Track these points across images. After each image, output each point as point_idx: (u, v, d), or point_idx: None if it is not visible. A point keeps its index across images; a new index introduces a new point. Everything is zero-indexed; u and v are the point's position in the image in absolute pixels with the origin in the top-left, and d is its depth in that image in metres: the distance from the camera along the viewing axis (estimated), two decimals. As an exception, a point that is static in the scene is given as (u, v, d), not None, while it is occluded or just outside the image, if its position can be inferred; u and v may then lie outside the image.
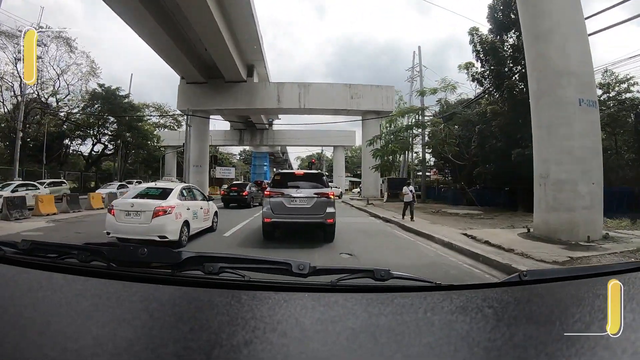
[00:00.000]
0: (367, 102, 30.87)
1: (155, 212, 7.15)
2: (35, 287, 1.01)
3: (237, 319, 0.84)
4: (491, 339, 0.75)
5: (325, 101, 30.45)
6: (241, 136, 49.33)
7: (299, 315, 0.88)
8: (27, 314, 0.85)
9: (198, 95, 30.51)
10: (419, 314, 0.89)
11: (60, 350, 0.69)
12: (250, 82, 30.59)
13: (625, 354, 0.68)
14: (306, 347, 0.73)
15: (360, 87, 31.54)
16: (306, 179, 8.35)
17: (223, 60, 27.14)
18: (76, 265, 1.14)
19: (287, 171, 10.30)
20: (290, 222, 7.89)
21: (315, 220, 7.81)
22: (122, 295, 0.98)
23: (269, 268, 1.12)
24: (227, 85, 30.29)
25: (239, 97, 30.21)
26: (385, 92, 31.66)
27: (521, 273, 1.13)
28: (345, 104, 30.76)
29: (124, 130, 37.22)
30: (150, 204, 7.35)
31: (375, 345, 0.74)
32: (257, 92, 30.47)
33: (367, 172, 31.15)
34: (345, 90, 31.11)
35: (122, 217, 7.25)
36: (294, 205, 7.76)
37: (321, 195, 7.86)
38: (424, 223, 12.42)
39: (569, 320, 0.84)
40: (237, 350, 0.70)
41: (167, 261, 1.14)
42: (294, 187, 8.04)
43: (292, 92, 30.47)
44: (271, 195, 7.88)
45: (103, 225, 7.61)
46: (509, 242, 7.74)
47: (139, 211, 7.22)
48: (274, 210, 7.77)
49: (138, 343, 0.74)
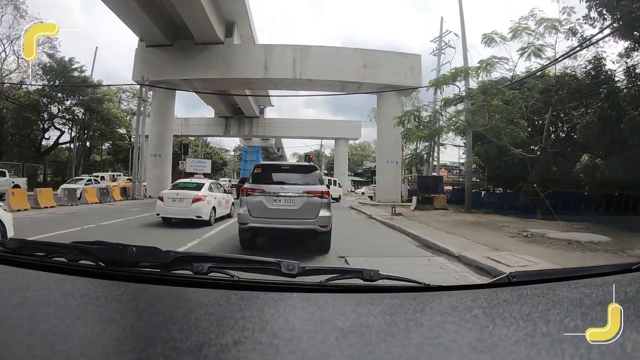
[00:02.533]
0: (385, 74, 23.04)
1: (194, 199, 10.11)
2: (23, 286, 1.00)
3: (226, 318, 0.83)
4: (480, 339, 0.75)
5: (329, 70, 22.54)
6: (227, 125, 41.90)
7: (288, 315, 0.88)
8: (15, 313, 0.82)
9: (160, 61, 22.84)
10: (408, 314, 0.89)
11: (49, 350, 0.68)
12: (228, 43, 22.86)
13: (614, 355, 0.66)
14: (295, 347, 0.72)
15: (377, 54, 23.73)
16: (295, 173, 6.97)
17: (191, 12, 19.50)
18: (64, 264, 1.13)
19: (270, 163, 10.23)
20: (271, 227, 6.46)
21: (304, 227, 6.35)
22: (111, 294, 0.98)
23: (258, 268, 1.11)
24: (198, 49, 22.61)
25: (213, 63, 22.47)
26: (409, 62, 23.89)
27: (510, 274, 1.12)
28: (356, 74, 22.87)
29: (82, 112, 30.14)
30: (190, 193, 10.28)
31: (364, 345, 0.73)
32: (237, 56, 22.67)
33: (383, 167, 23.38)
34: (357, 57, 23.22)
35: (169, 202, 10.23)
36: (277, 206, 6.35)
37: (313, 194, 6.38)
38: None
39: (558, 322, 0.82)
40: (226, 350, 0.68)
41: (156, 261, 1.11)
42: (279, 182, 6.58)
43: (285, 58, 22.62)
44: (249, 192, 6.47)
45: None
46: None
47: (182, 198, 10.20)
48: (252, 211, 6.37)
49: (126, 343, 0.74)
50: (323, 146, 57.68)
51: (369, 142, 67.69)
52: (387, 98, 23.05)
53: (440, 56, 30.52)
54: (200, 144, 55.82)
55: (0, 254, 1.18)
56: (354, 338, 0.75)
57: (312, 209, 6.36)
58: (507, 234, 9.96)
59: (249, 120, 41.22)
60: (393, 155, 23.01)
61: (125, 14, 20.78)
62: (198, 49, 22.62)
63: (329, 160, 61.01)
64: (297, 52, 22.91)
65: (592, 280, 1.08)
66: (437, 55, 31.08)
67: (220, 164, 61.41)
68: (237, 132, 42.66)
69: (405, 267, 5.98)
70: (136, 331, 0.79)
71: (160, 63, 22.78)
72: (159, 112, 23.67)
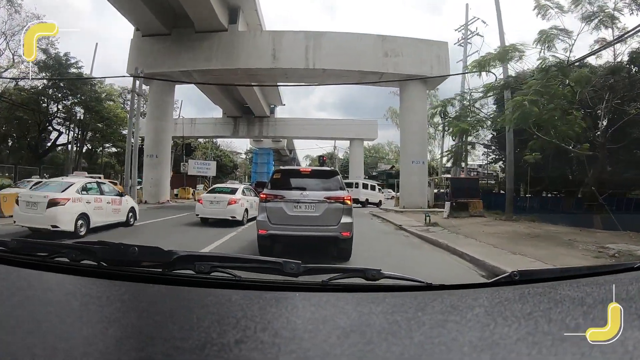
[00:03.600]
0: (408, 63, 20.20)
1: (229, 202, 11.40)
2: (25, 286, 1.00)
3: (228, 318, 0.84)
4: (482, 338, 0.74)
5: (345, 59, 19.78)
6: (236, 126, 39.41)
7: (290, 315, 0.89)
8: (17, 313, 0.83)
9: (157, 52, 20.61)
10: (409, 313, 0.89)
11: (50, 349, 0.68)
12: (232, 30, 20.43)
13: (615, 354, 0.66)
14: (297, 346, 0.72)
15: (399, 41, 20.87)
16: (315, 178, 6.71)
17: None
18: (66, 264, 1.13)
19: (290, 168, 9.14)
20: (292, 235, 6.20)
21: (325, 234, 6.20)
22: (113, 294, 0.98)
23: (260, 267, 1.11)
24: (199, 37, 20.27)
25: (215, 52, 20.04)
26: (435, 50, 21.03)
27: (512, 273, 1.11)
28: (376, 64, 20.06)
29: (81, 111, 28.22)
30: (226, 197, 11.56)
31: (366, 344, 0.73)
32: (242, 45, 20.15)
33: (408, 168, 20.49)
34: (377, 45, 20.38)
35: (207, 205, 11.61)
36: (297, 212, 6.21)
37: (334, 200, 6.23)
38: None
39: (559, 321, 0.81)
40: (228, 350, 0.68)
41: (158, 260, 1.11)
42: (299, 188, 6.40)
43: (296, 45, 19.98)
44: (268, 198, 6.34)
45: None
46: None
47: (219, 201, 11.37)
48: (272, 218, 6.22)
49: (128, 342, 0.74)
50: (336, 148, 55.11)
51: (382, 144, 65.49)
52: (412, 89, 20.27)
53: (467, 46, 27.75)
54: (210, 146, 53.79)
55: (3, 253, 1.19)
56: (356, 337, 0.75)
57: (333, 215, 6.23)
58: (586, 253, 7.34)
59: (258, 120, 38.69)
60: (419, 155, 20.21)
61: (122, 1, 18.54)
62: (198, 37, 20.26)
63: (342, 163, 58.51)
64: (309, 39, 20.28)
65: (594, 279, 1.07)
66: (462, 45, 28.28)
67: (231, 167, 59.54)
68: (246, 133, 40.08)
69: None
70: (138, 330, 0.79)
71: (157, 54, 20.51)
72: (156, 107, 21.35)
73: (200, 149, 51.80)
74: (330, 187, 6.46)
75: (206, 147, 53.09)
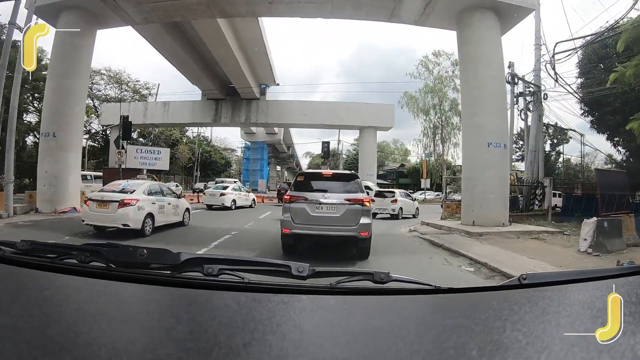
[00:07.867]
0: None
1: (220, 194, 17.95)
2: (34, 288, 0.99)
3: (236, 320, 0.83)
4: (491, 341, 0.73)
5: None
6: (218, 110, 31.75)
7: (298, 318, 0.88)
8: (26, 314, 0.82)
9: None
10: (418, 317, 0.88)
11: (59, 350, 0.68)
12: None
13: (623, 357, 0.66)
14: (305, 350, 0.72)
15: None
16: (336, 181, 7.10)
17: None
18: (75, 266, 1.12)
19: (312, 171, 9.99)
20: (314, 234, 6.68)
21: (345, 234, 6.60)
22: (121, 296, 0.97)
23: (269, 270, 1.09)
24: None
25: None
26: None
27: (521, 276, 1.09)
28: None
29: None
30: (219, 192, 18.21)
31: (374, 348, 0.73)
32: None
33: (479, 155, 11.75)
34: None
35: (209, 196, 18.33)
36: (319, 213, 6.62)
37: (354, 202, 6.63)
38: None
39: (568, 324, 0.81)
40: (236, 352, 0.68)
41: (167, 262, 1.11)
42: (321, 190, 6.86)
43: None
44: (292, 200, 6.78)
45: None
46: None
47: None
48: (295, 219, 6.63)
49: (137, 344, 0.74)
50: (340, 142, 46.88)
51: (387, 142, 61.04)
52: (479, 25, 12.07)
53: None
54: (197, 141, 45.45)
55: (12, 255, 1.18)
56: (364, 341, 0.75)
57: (353, 216, 6.56)
58: None
59: (246, 104, 30.87)
60: (498, 134, 11.78)
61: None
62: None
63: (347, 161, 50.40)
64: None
65: (602, 283, 1.05)
66: None
67: (222, 164, 51.59)
68: (230, 119, 31.69)
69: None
70: (146, 332, 0.79)
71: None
72: (61, 59, 13.13)
73: (185, 143, 43.77)
74: (350, 190, 6.82)
75: (193, 141, 45.20)
